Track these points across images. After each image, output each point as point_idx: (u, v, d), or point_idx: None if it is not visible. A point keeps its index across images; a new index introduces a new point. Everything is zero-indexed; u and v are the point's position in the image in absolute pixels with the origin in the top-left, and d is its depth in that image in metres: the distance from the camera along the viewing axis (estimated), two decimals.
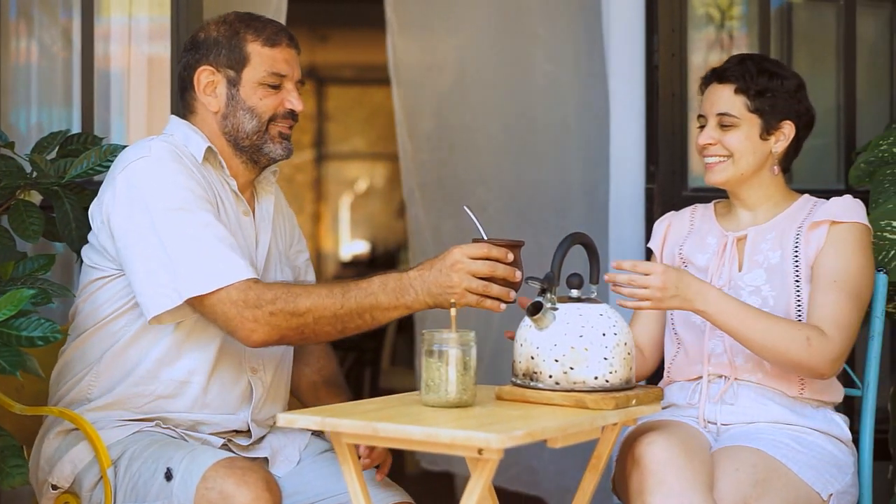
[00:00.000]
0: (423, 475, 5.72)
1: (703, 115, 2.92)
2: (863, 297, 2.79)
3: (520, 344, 2.52)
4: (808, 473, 2.68)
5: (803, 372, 2.73)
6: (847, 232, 2.80)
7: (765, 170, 2.90)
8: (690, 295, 2.66)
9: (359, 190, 14.15)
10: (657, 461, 2.55)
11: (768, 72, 2.87)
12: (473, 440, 2.17)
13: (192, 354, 2.72)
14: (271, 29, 2.80)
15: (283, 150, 2.81)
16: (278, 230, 2.94)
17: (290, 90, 2.80)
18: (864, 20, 3.99)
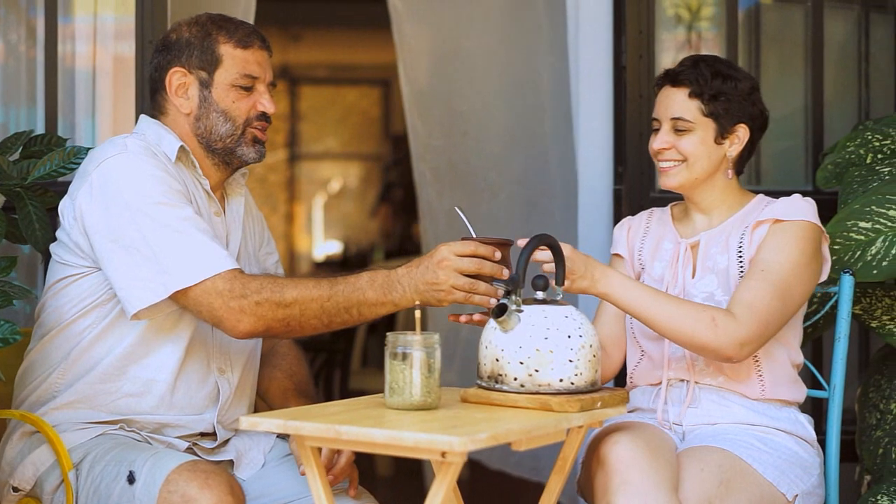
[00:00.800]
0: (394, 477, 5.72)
1: (657, 118, 2.89)
2: (793, 292, 2.74)
3: (485, 346, 2.51)
4: (774, 474, 2.68)
5: (711, 354, 2.69)
6: (787, 228, 2.77)
7: (719, 173, 2.89)
8: (596, 277, 2.65)
9: (332, 190, 14.12)
10: (622, 461, 2.55)
11: (722, 74, 2.85)
12: (436, 443, 2.16)
13: (159, 353, 2.71)
14: (244, 31, 2.79)
15: (256, 154, 2.80)
16: (248, 232, 2.93)
17: (263, 92, 2.80)
18: (833, 21, 4.00)
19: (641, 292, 2.67)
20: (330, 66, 13.48)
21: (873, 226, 3.10)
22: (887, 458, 3.22)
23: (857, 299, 3.27)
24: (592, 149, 3.76)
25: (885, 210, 3.10)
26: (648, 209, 3.06)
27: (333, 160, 14.16)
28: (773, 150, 4.03)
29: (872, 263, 3.08)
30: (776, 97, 4.03)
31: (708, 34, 3.96)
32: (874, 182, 3.26)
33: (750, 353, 2.70)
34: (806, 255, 2.76)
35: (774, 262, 2.73)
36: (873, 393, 3.34)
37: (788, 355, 2.83)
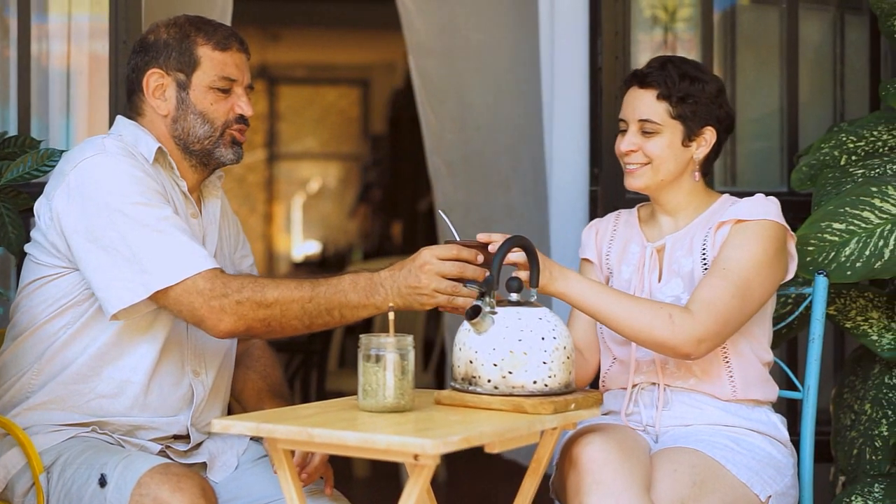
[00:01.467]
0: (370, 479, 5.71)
1: (624, 119, 2.88)
2: (754, 290, 2.73)
3: (459, 348, 2.51)
4: (747, 474, 2.68)
5: (669, 351, 2.68)
6: (750, 227, 2.76)
7: (685, 175, 2.88)
8: (554, 276, 2.64)
9: (311, 190, 14.10)
10: (594, 461, 2.54)
11: (690, 76, 2.84)
12: (409, 446, 2.15)
13: (134, 354, 2.69)
14: (222, 33, 2.79)
15: (234, 155, 2.80)
16: (224, 234, 2.92)
17: (240, 95, 2.79)
18: (809, 23, 4.01)
19: (598, 291, 2.67)
20: (309, 65, 13.47)
21: (847, 227, 3.11)
22: (861, 458, 3.24)
23: (832, 300, 3.28)
24: (568, 150, 3.75)
25: (859, 211, 3.11)
26: (615, 211, 3.06)
27: (312, 160, 14.15)
28: (748, 151, 4.03)
29: (846, 265, 3.09)
30: (752, 99, 4.04)
31: (685, 35, 3.96)
32: (848, 184, 3.27)
33: (707, 351, 2.69)
34: (768, 253, 2.75)
35: (735, 261, 2.72)
36: (848, 394, 3.34)
37: (758, 354, 2.83)
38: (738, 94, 4.01)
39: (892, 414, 3.24)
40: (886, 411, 3.25)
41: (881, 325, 3.26)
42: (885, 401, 3.26)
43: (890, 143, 3.43)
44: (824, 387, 3.55)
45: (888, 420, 3.23)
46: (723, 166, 3.94)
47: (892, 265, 3.06)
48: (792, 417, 3.34)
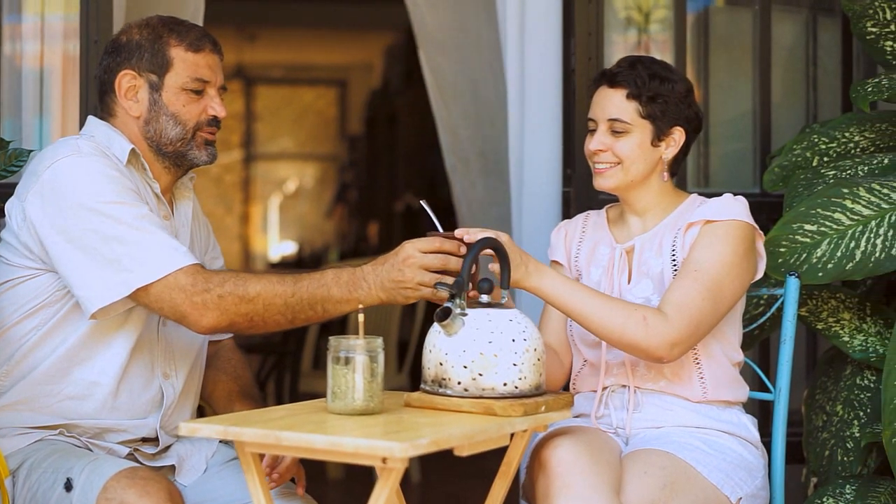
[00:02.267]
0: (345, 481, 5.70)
1: (594, 119, 2.87)
2: (724, 291, 2.72)
3: (429, 350, 2.50)
4: (718, 476, 2.68)
5: (641, 354, 2.68)
6: (719, 227, 2.76)
7: (654, 175, 2.87)
8: (530, 270, 2.64)
9: (288, 191, 14.08)
10: (563, 464, 2.53)
11: (659, 76, 2.83)
12: (376, 449, 2.14)
13: (103, 355, 2.68)
14: (195, 34, 2.77)
15: (208, 156, 2.79)
16: (195, 236, 2.91)
17: (213, 96, 2.77)
18: (781, 24, 4.01)
19: (573, 289, 2.66)
20: (285, 66, 13.44)
21: (819, 228, 3.11)
22: (833, 459, 3.24)
23: (804, 301, 3.28)
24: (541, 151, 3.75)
25: (831, 213, 3.11)
26: (584, 212, 3.05)
27: (289, 160, 14.12)
28: (721, 152, 4.04)
29: (818, 266, 3.09)
30: (725, 100, 4.05)
31: (658, 37, 3.96)
32: (820, 185, 3.27)
33: (680, 354, 2.69)
34: (738, 254, 2.75)
35: (705, 262, 2.72)
36: (820, 395, 3.35)
37: (728, 355, 2.83)
38: (711, 95, 4.01)
39: (863, 415, 3.24)
40: (858, 412, 3.25)
41: (853, 327, 3.26)
42: (856, 402, 3.27)
43: (862, 144, 3.44)
44: (797, 388, 3.56)
45: (860, 421, 3.24)
46: (696, 167, 3.95)
47: (863, 266, 3.06)
48: (764, 418, 3.35)
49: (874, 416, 3.22)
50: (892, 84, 3.27)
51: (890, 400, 2.92)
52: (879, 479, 3.12)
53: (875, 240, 3.07)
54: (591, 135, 2.87)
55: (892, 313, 3.26)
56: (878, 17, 3.56)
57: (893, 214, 3.07)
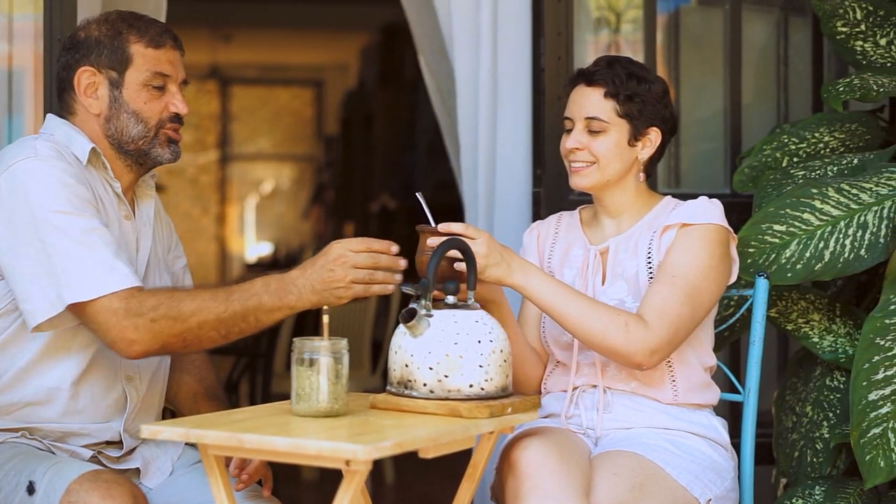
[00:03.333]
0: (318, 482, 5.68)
1: (570, 117, 2.86)
2: (703, 296, 2.72)
3: (394, 351, 2.48)
4: (687, 478, 2.67)
5: (621, 360, 2.68)
6: (695, 231, 2.75)
7: (630, 176, 2.86)
8: (513, 267, 2.63)
9: (264, 191, 14.05)
10: (532, 465, 2.52)
11: (637, 76, 2.83)
12: (339, 452, 2.12)
13: (64, 362, 2.64)
14: (155, 30, 2.74)
15: (171, 154, 2.75)
16: (158, 235, 2.87)
17: (175, 93, 2.74)
18: (752, 24, 4.01)
19: (556, 288, 2.65)
20: (261, 66, 13.42)
21: (788, 229, 3.11)
22: (803, 460, 3.24)
23: (773, 302, 3.27)
24: (512, 151, 3.73)
25: (800, 213, 3.10)
26: (557, 213, 3.04)
27: (265, 161, 14.10)
28: (692, 153, 4.03)
29: (787, 266, 3.09)
30: (696, 100, 4.04)
31: (630, 37, 3.96)
32: (789, 185, 3.26)
33: (660, 361, 2.69)
34: (714, 258, 2.74)
35: (683, 267, 2.71)
36: (790, 396, 3.34)
37: (700, 359, 2.82)
38: (683, 95, 4.01)
39: (832, 416, 3.24)
40: (827, 413, 3.25)
41: (822, 328, 3.26)
42: (826, 403, 3.27)
43: (832, 144, 3.44)
44: (769, 389, 3.56)
45: (829, 422, 3.23)
46: (666, 168, 3.94)
47: (831, 267, 3.06)
48: (735, 419, 3.34)
49: (843, 417, 3.21)
50: (864, 84, 3.27)
51: (859, 401, 2.91)
52: (848, 480, 3.12)
53: (844, 240, 3.06)
54: (566, 134, 2.86)
55: (861, 314, 3.25)
56: (848, 17, 3.56)
57: (862, 215, 3.07)
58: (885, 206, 3.06)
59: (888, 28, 3.55)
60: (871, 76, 3.33)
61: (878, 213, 3.06)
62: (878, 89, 3.26)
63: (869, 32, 3.55)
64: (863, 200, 3.08)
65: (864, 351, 2.94)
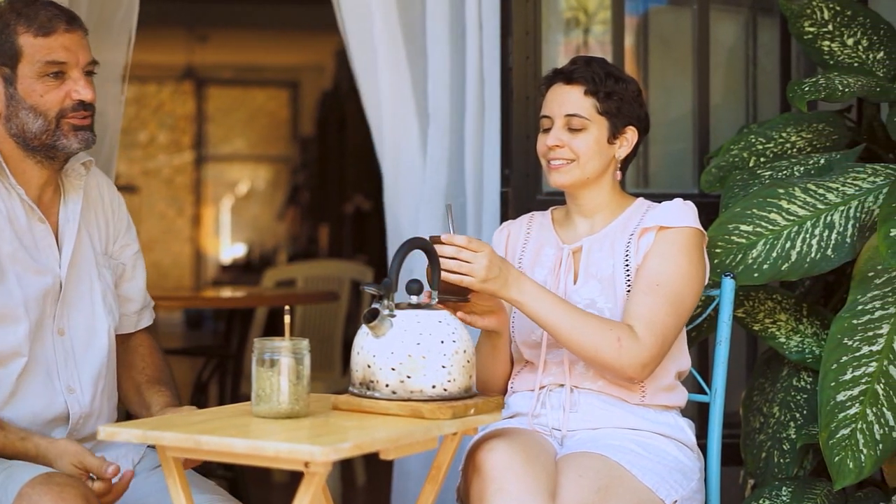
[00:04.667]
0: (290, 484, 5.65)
1: (549, 115, 2.86)
2: (686, 303, 2.75)
3: (357, 352, 2.46)
4: (652, 479, 2.66)
5: (613, 373, 2.70)
6: (674, 235, 2.77)
7: (607, 174, 2.87)
8: (510, 281, 2.63)
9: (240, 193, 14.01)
10: (497, 468, 2.51)
11: (614, 75, 2.84)
12: (297, 453, 2.10)
13: None
14: (45, 15, 2.60)
15: (81, 142, 2.64)
16: (93, 229, 2.78)
17: (77, 79, 2.62)
18: (721, 24, 4.01)
19: (551, 303, 2.65)
20: (237, 67, 13.39)
21: (754, 229, 3.10)
22: (770, 461, 3.23)
23: (740, 302, 3.27)
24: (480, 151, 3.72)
25: (766, 213, 3.10)
26: (529, 213, 3.03)
27: (241, 162, 14.06)
28: (661, 153, 4.03)
29: (753, 267, 3.08)
30: (667, 101, 4.04)
31: (602, 38, 3.94)
32: (755, 185, 3.26)
33: (650, 373, 2.71)
34: (693, 263, 2.76)
35: (665, 274, 2.73)
36: (757, 396, 3.33)
37: (675, 364, 2.83)
38: (652, 96, 4.00)
39: (799, 417, 3.23)
40: (794, 414, 3.24)
41: (789, 328, 3.25)
42: (793, 403, 3.26)
43: (798, 144, 3.43)
44: (738, 389, 3.55)
45: (796, 423, 3.23)
46: (636, 168, 3.93)
47: (798, 267, 3.05)
48: (702, 420, 3.33)
49: (810, 417, 3.21)
50: (829, 83, 3.27)
51: (826, 402, 2.91)
52: (815, 480, 3.11)
53: (811, 240, 3.06)
54: (544, 133, 2.86)
55: (828, 314, 3.25)
56: (815, 17, 3.56)
57: (829, 215, 3.07)
58: (851, 206, 3.06)
59: (855, 28, 3.54)
60: (837, 76, 3.32)
61: (845, 212, 3.06)
62: (843, 89, 3.25)
63: (836, 32, 3.55)
64: (829, 200, 3.08)
65: (831, 351, 2.94)
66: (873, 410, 2.88)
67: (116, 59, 3.66)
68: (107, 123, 3.63)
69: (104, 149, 3.61)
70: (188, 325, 12.35)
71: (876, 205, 3.02)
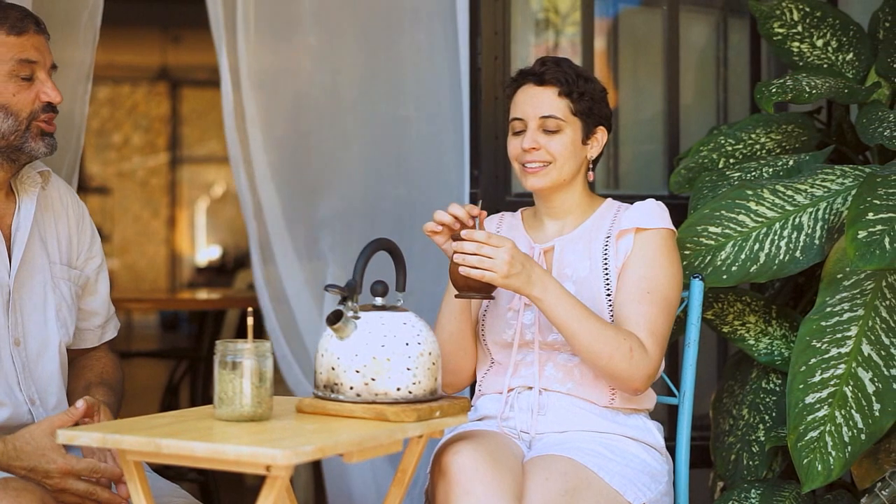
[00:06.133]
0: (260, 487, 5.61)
1: (522, 118, 2.83)
2: (674, 306, 2.78)
3: (321, 354, 2.44)
4: (620, 482, 2.65)
5: (619, 383, 2.71)
6: (653, 238, 2.78)
7: (580, 175, 2.86)
8: (533, 279, 2.61)
9: (215, 194, 13.96)
10: (463, 471, 2.49)
11: (583, 76, 2.83)
12: (259, 457, 2.08)
13: None
14: (15, 15, 2.60)
15: (47, 148, 2.62)
16: (51, 240, 2.74)
17: (45, 80, 2.61)
18: (692, 25, 4.00)
19: (573, 306, 2.64)
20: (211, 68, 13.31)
21: (723, 231, 3.09)
22: (739, 463, 3.22)
23: (710, 304, 3.26)
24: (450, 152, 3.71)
25: (735, 215, 3.09)
26: (499, 214, 3.02)
27: (216, 164, 14.00)
28: (632, 154, 4.02)
29: (722, 268, 3.07)
30: (639, 102, 4.03)
31: (574, 39, 3.93)
32: (724, 187, 3.25)
33: (652, 382, 2.73)
34: (674, 265, 2.79)
35: (654, 281, 2.75)
36: (727, 398, 3.33)
37: None
38: (624, 97, 4.00)
39: (769, 419, 3.23)
40: (763, 416, 3.24)
41: (758, 330, 3.24)
42: (762, 405, 3.25)
43: (768, 146, 3.43)
44: (707, 391, 3.54)
45: (765, 425, 3.22)
46: (606, 169, 3.92)
47: (767, 269, 3.04)
48: (672, 423, 3.32)
49: (779, 419, 3.20)
50: (797, 85, 3.26)
51: (795, 404, 2.90)
52: (784, 483, 3.10)
53: (779, 242, 3.05)
54: (516, 136, 2.84)
55: (797, 316, 3.24)
56: (785, 18, 3.56)
57: (797, 216, 3.06)
58: (819, 208, 3.05)
59: (825, 29, 3.54)
60: (804, 77, 3.32)
61: (813, 214, 3.05)
62: (810, 91, 3.25)
63: (806, 33, 3.55)
64: (798, 202, 3.07)
65: (800, 353, 2.93)
66: (842, 413, 2.87)
67: (83, 59, 3.63)
68: (74, 123, 3.59)
69: (71, 149, 3.57)
70: (163, 327, 12.31)
71: (844, 206, 3.02)
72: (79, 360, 2.83)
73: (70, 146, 3.53)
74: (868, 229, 2.76)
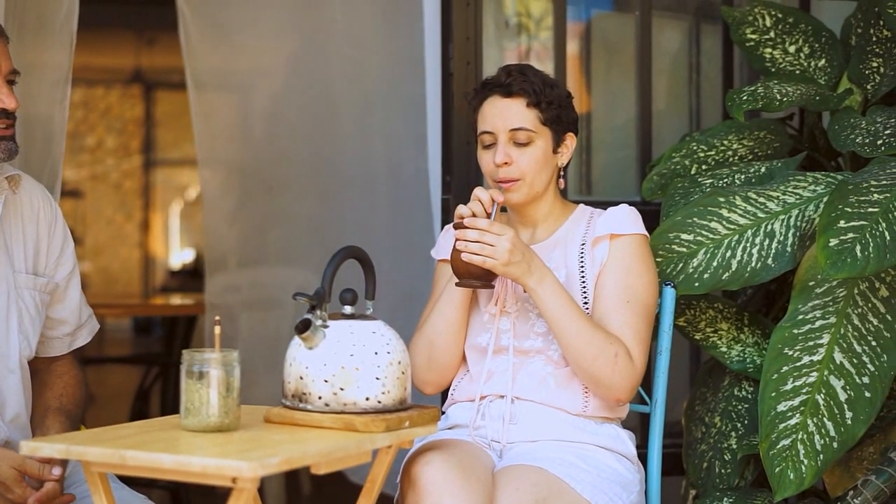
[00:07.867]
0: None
1: (491, 131, 2.79)
2: (652, 312, 2.78)
3: (289, 364, 2.41)
4: (591, 491, 2.63)
5: (601, 390, 2.70)
6: (628, 245, 2.77)
7: (552, 184, 2.84)
8: (532, 269, 2.63)
9: (189, 198, 13.89)
10: (432, 483, 2.47)
11: (549, 83, 2.81)
12: (225, 469, 2.05)
13: None
14: None
15: (4, 153, 2.58)
16: (17, 247, 2.70)
17: (0, 86, 2.58)
18: (665, 31, 4.00)
19: (565, 302, 2.65)
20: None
21: (695, 238, 3.08)
22: (711, 471, 3.21)
23: (682, 311, 3.25)
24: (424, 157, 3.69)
25: (707, 222, 3.08)
26: None
27: (190, 167, 13.93)
28: (604, 160, 4.01)
29: (694, 276, 3.06)
30: (611, 108, 4.02)
31: (548, 43, 3.92)
32: (696, 194, 3.24)
33: (634, 394, 2.72)
34: (651, 271, 2.78)
35: (633, 289, 2.74)
36: (699, 406, 3.32)
37: None
38: (596, 103, 3.99)
39: (741, 426, 3.22)
40: (735, 424, 3.23)
41: (730, 337, 3.23)
42: (734, 413, 3.24)
43: (740, 152, 3.42)
44: (680, 399, 3.53)
45: (737, 433, 3.21)
46: (578, 175, 3.91)
47: (739, 276, 3.03)
48: (644, 431, 3.31)
49: (751, 427, 3.19)
50: (768, 92, 3.26)
51: (767, 412, 2.89)
52: (756, 491, 3.09)
53: (751, 249, 3.04)
54: (486, 149, 2.80)
55: (769, 324, 3.23)
56: (757, 25, 3.55)
57: (769, 224, 3.05)
58: (791, 215, 3.04)
59: (797, 35, 3.54)
60: (776, 84, 3.31)
61: (785, 221, 3.04)
62: (781, 98, 3.24)
63: (778, 40, 3.54)
64: (770, 209, 3.06)
65: (772, 361, 2.92)
66: (814, 421, 2.86)
67: (60, 62, 3.59)
68: (52, 128, 3.55)
69: (51, 153, 3.53)
70: (137, 330, 12.23)
71: (816, 214, 3.01)
72: (41, 373, 2.78)
73: (51, 151, 3.49)
74: (839, 237, 2.75)
